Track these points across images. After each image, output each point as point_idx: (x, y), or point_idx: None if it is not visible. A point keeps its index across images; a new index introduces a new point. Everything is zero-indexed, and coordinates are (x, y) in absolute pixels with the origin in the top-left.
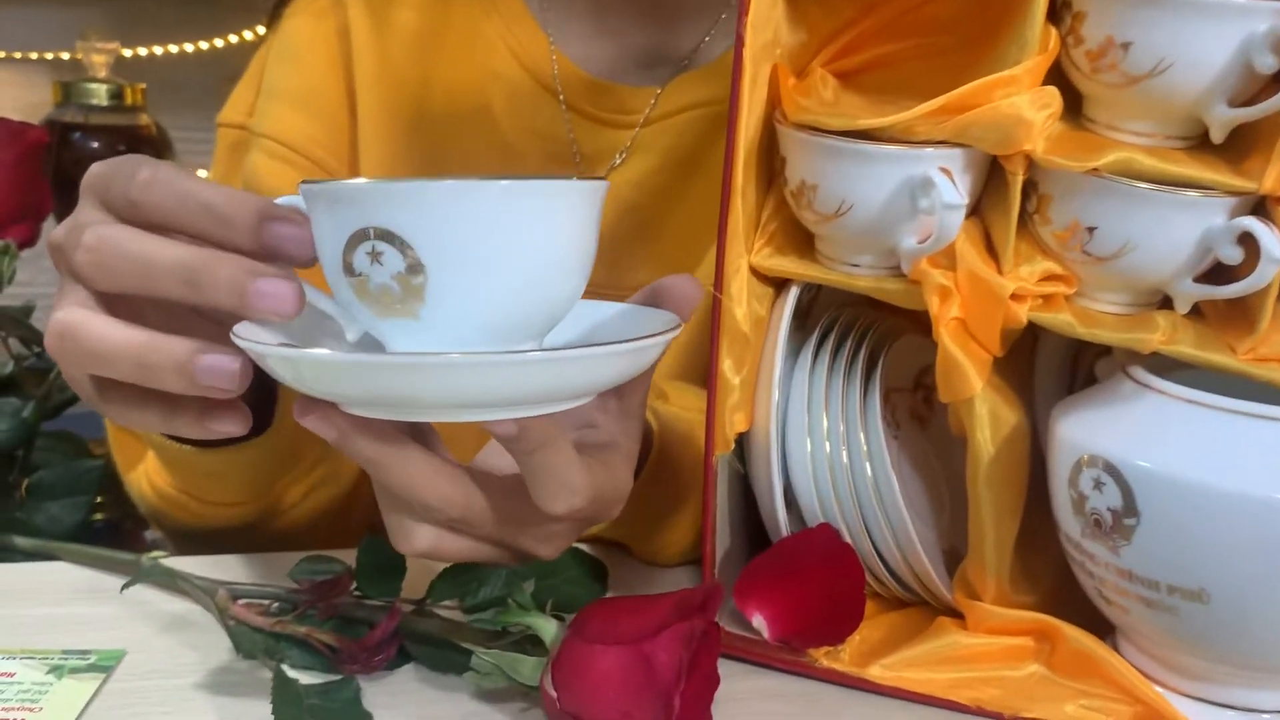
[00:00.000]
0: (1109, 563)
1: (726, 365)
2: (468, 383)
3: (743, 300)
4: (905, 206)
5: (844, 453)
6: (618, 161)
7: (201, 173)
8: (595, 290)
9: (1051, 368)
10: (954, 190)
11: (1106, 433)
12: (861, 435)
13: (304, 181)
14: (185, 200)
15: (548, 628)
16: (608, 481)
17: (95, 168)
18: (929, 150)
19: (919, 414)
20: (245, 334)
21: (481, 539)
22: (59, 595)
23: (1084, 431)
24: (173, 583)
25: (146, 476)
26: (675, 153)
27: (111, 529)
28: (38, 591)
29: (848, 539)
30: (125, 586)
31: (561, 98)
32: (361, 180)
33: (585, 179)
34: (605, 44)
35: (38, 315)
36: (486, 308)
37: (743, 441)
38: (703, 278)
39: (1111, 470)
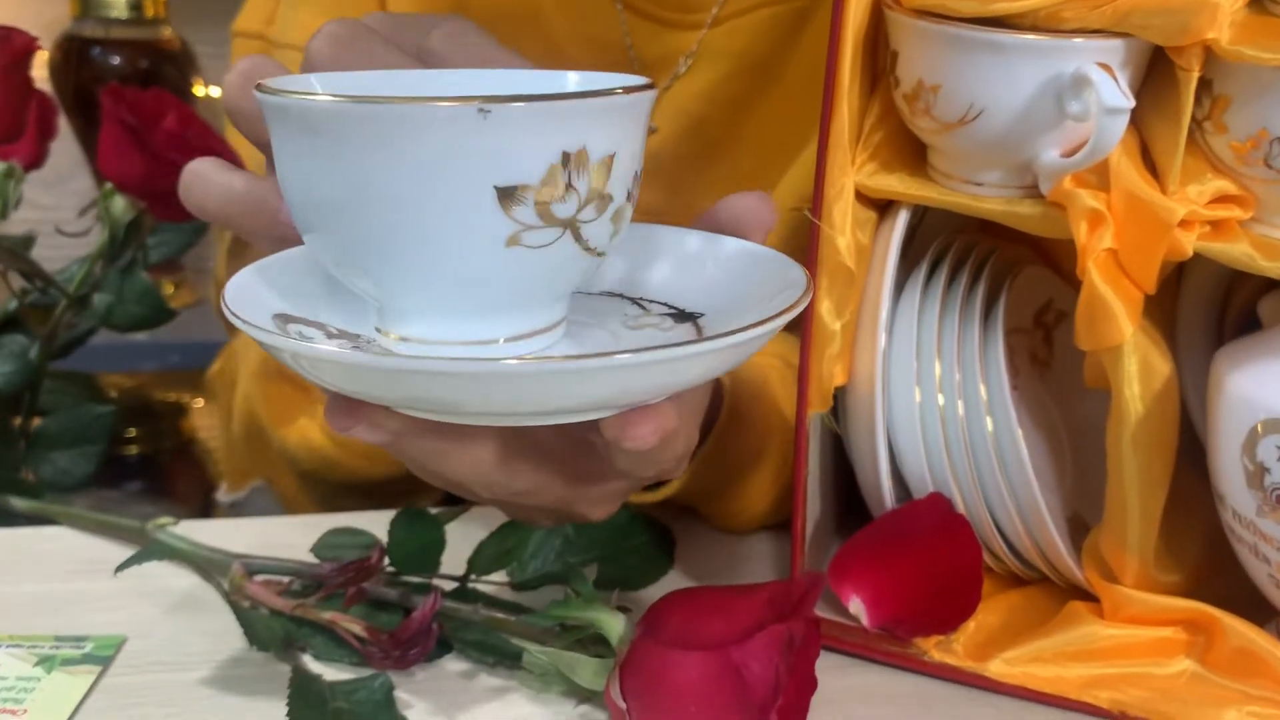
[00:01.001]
0: None
1: (825, 308)
2: (566, 390)
3: (845, 228)
4: (1050, 111)
5: (959, 405)
6: (682, 69)
7: (215, 90)
8: (655, 216)
9: (1199, 305)
10: (1116, 90)
11: None
12: (981, 385)
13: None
14: None
15: (614, 625)
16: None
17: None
18: (1081, 41)
19: (1039, 357)
20: (241, 303)
21: (533, 507)
22: (56, 568)
23: (1265, 390)
24: (180, 554)
25: (321, 429)
26: (748, 58)
27: (145, 462)
28: (33, 563)
29: (961, 508)
30: (121, 568)
31: None
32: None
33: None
34: None
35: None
36: None
37: (838, 396)
38: (783, 197)
39: None
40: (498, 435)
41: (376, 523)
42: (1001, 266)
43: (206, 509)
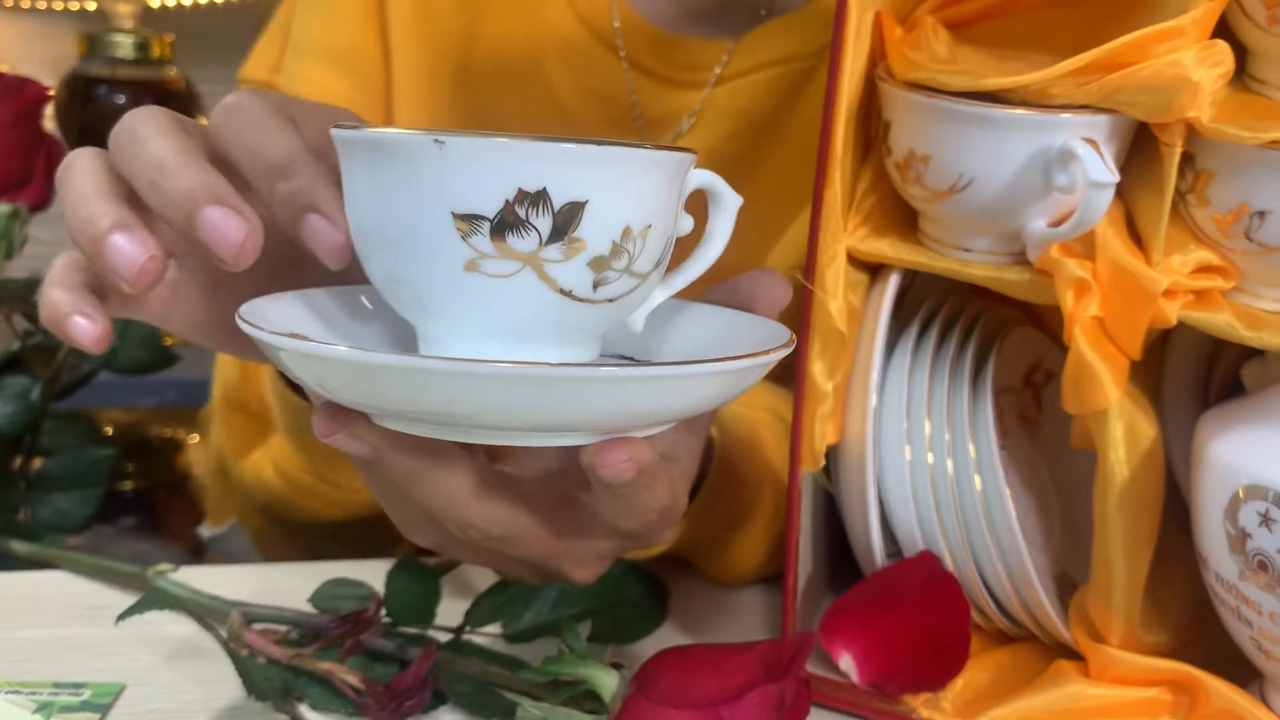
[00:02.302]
0: (1275, 612)
1: (818, 369)
2: (550, 401)
3: (838, 292)
4: (1037, 183)
5: (949, 463)
6: (685, 126)
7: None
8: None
9: (1184, 369)
10: (1102, 165)
11: (1278, 458)
12: (970, 444)
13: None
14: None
15: (608, 682)
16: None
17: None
18: (1068, 116)
19: (1028, 416)
20: (258, 316)
21: (515, 559)
22: (55, 613)
23: (1246, 455)
24: (179, 603)
25: (272, 462)
26: (751, 116)
27: (140, 498)
28: (32, 608)
29: (950, 566)
30: (123, 617)
31: (623, 52)
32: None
33: (670, 148)
34: None
35: None
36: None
37: (830, 455)
38: (780, 257)
39: None
40: (475, 466)
41: (374, 573)
42: (991, 328)
43: (200, 546)
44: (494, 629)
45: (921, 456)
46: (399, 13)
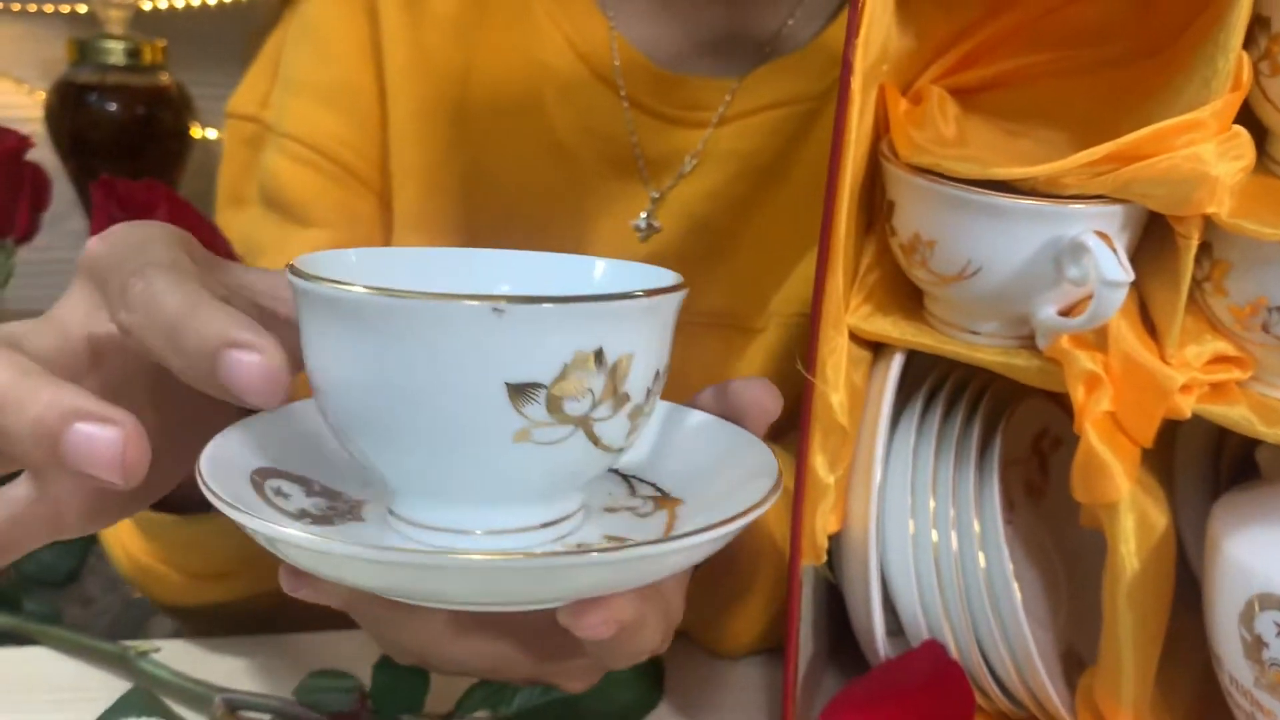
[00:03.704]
0: None
1: (819, 462)
2: (534, 584)
3: (839, 384)
4: (1047, 272)
5: (953, 540)
6: (687, 168)
7: (212, 133)
8: None
9: (1194, 455)
10: (1116, 263)
11: None
12: (975, 521)
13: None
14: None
15: None
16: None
17: (94, 247)
18: (1080, 207)
19: (1034, 485)
20: (216, 465)
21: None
22: (37, 699)
23: (1263, 559)
24: (156, 708)
25: (120, 543)
26: (755, 159)
27: None
28: (12, 693)
29: (953, 647)
30: None
31: (623, 91)
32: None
33: (651, 291)
34: (674, 27)
35: None
36: None
37: (832, 540)
38: (783, 303)
39: None
40: (449, 612)
41: (359, 656)
42: (999, 400)
43: None
44: (484, 714)
45: (926, 533)
46: (395, 50)
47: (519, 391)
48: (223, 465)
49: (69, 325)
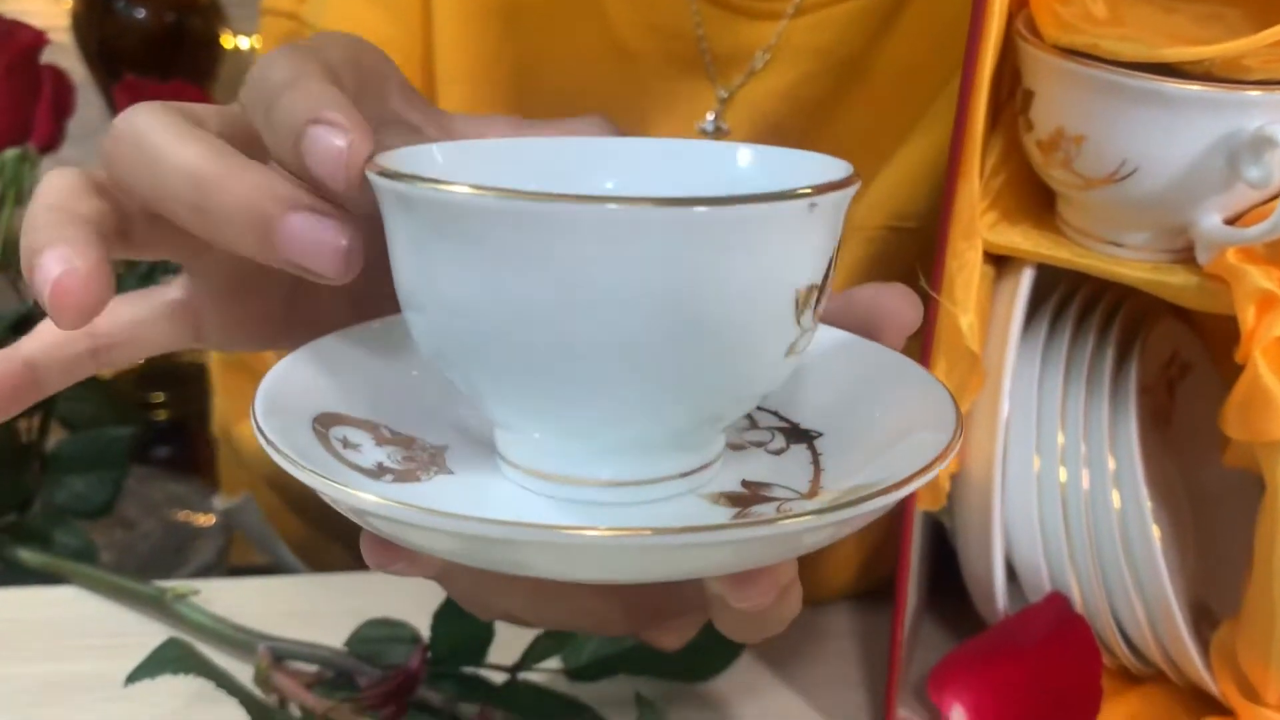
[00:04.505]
0: None
1: None
2: (677, 563)
3: (969, 305)
4: (1219, 174)
5: (1084, 478)
6: (758, 65)
7: (244, 42)
8: None
9: None
10: None
11: None
12: (1109, 457)
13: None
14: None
15: None
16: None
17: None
18: (1261, 94)
19: (1161, 413)
20: (274, 408)
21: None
22: (67, 644)
23: None
24: (193, 662)
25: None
26: (833, 55)
27: (174, 428)
28: (36, 636)
29: (1077, 598)
30: (131, 680)
31: None
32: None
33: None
34: None
35: None
36: None
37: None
38: (866, 215)
39: None
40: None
41: (416, 605)
42: (1131, 320)
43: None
44: (553, 664)
45: (1052, 471)
46: None
47: (805, 293)
48: (280, 411)
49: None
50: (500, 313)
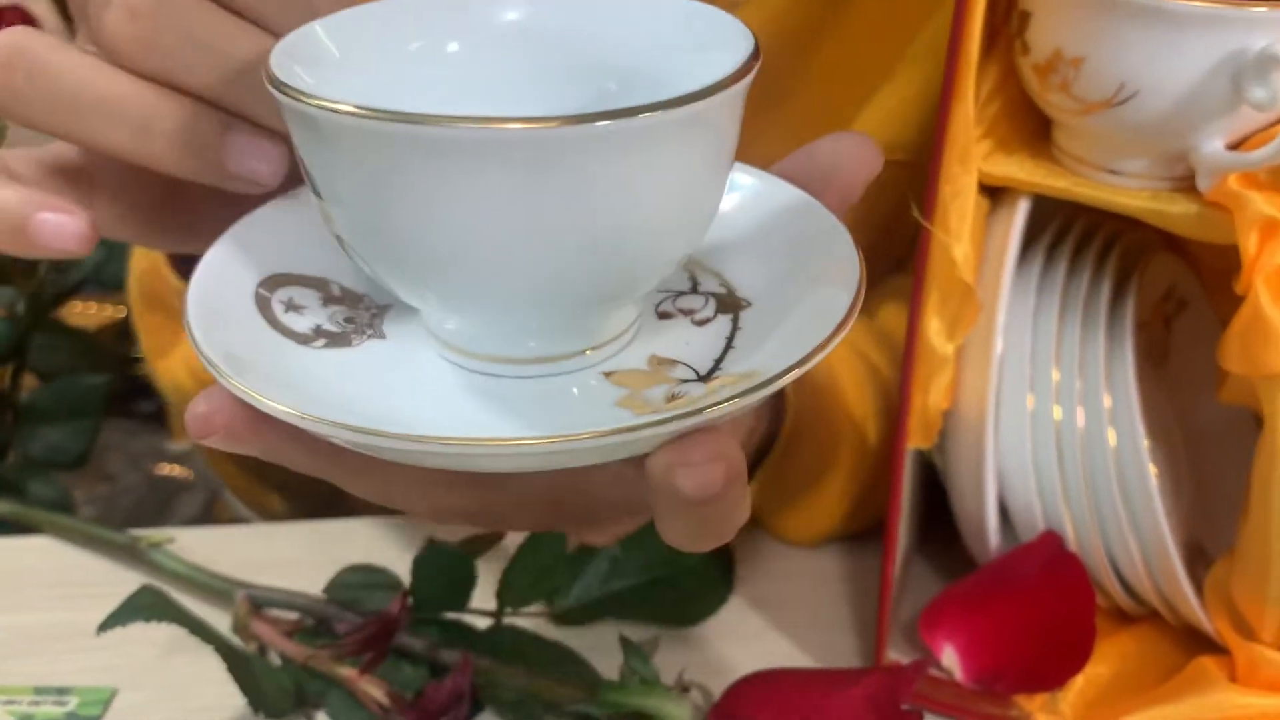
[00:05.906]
0: None
1: (934, 329)
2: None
3: (963, 234)
4: (1222, 96)
5: (1079, 416)
6: None
7: None
8: None
9: None
10: None
11: None
12: (1105, 393)
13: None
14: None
15: (680, 714)
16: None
17: None
18: (1267, 11)
19: (1157, 350)
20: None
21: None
22: (39, 594)
23: None
24: (168, 609)
25: (186, 363)
26: None
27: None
28: (12, 585)
29: (1071, 537)
30: (103, 628)
31: None
32: None
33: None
34: None
35: None
36: None
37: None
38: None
39: None
40: None
41: (397, 547)
42: (1128, 253)
43: None
44: (537, 608)
45: (1046, 409)
46: None
47: None
48: (215, 284)
49: None
50: (389, 221)
